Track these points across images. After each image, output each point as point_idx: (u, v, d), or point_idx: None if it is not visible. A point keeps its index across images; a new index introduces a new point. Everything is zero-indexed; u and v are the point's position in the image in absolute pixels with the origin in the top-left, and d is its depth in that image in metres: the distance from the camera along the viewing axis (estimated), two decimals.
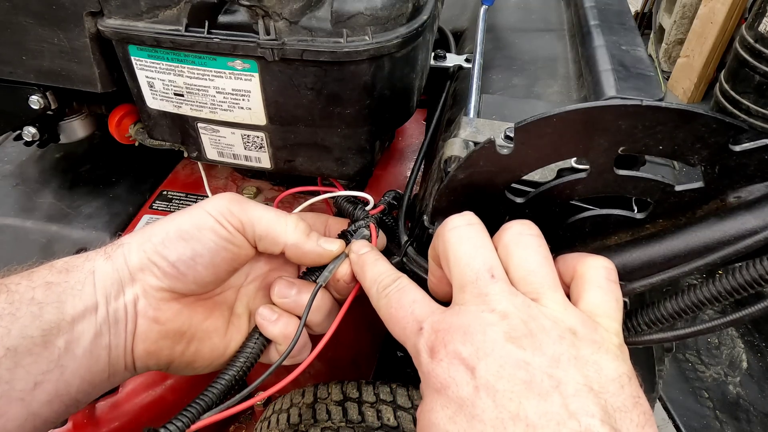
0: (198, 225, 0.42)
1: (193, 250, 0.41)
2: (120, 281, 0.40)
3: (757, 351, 0.99)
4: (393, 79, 0.51)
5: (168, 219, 0.43)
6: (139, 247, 0.41)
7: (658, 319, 0.40)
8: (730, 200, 0.38)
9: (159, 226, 0.42)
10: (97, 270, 0.40)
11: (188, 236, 0.41)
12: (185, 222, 0.42)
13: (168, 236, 0.41)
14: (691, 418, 0.89)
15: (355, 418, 0.54)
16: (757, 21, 1.21)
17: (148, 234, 0.42)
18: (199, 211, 0.43)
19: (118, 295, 0.40)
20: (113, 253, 0.41)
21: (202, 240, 0.41)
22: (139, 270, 0.41)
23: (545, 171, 0.41)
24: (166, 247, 0.41)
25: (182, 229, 0.41)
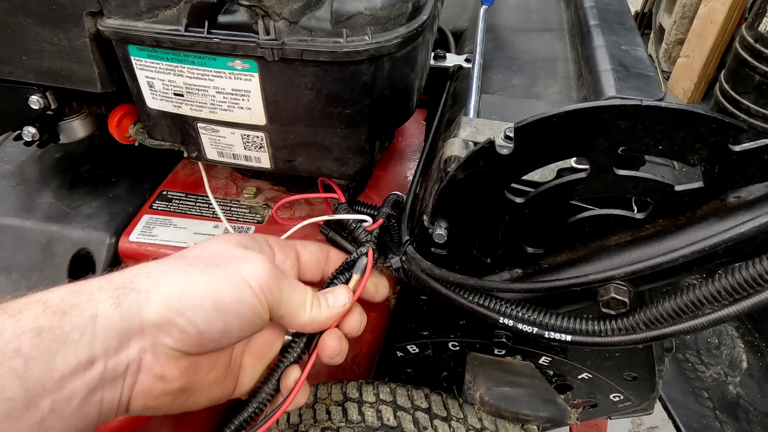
0: (238, 299, 0.39)
1: (226, 324, 0.39)
2: (126, 332, 0.36)
3: (757, 351, 0.99)
4: (393, 79, 0.51)
5: (202, 277, 0.39)
6: (163, 303, 0.37)
7: (657, 319, 0.40)
8: (730, 200, 0.38)
9: (192, 286, 0.38)
10: (100, 316, 0.35)
11: (226, 309, 0.39)
12: (225, 293, 0.39)
13: (203, 304, 0.38)
14: (691, 418, 0.89)
15: (355, 418, 0.54)
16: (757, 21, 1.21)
17: (178, 292, 0.38)
18: (240, 281, 0.40)
19: (121, 348, 0.36)
20: (125, 299, 0.36)
21: (239, 316, 0.39)
22: (155, 326, 0.37)
23: (545, 171, 0.41)
24: (197, 314, 0.37)
25: (221, 301, 0.38)
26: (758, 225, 0.35)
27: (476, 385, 0.54)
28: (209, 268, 0.40)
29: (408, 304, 0.57)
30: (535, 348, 0.58)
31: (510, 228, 0.44)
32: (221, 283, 0.39)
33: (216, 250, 0.44)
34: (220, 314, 0.38)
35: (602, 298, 0.41)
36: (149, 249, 0.64)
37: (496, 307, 0.46)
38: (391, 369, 0.65)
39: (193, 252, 0.44)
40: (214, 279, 0.39)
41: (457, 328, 0.58)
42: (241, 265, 0.41)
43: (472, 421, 0.55)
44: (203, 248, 0.45)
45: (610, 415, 0.72)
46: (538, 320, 0.44)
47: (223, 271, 0.40)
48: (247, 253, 0.43)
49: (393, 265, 0.52)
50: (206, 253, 0.43)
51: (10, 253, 0.65)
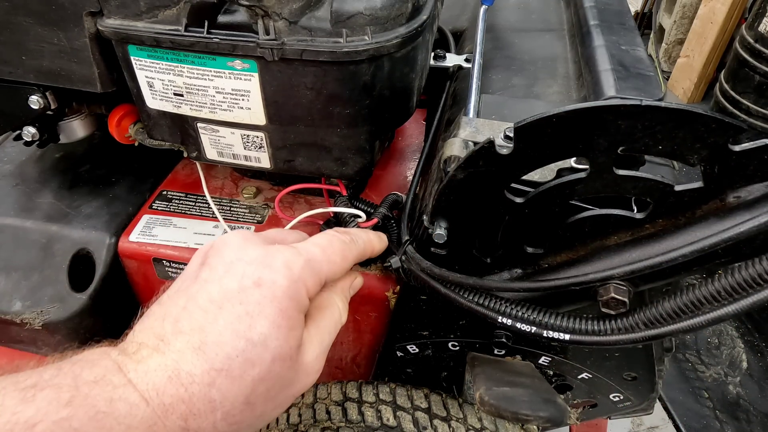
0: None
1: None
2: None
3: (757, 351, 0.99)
4: (392, 79, 0.51)
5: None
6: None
7: (656, 319, 0.40)
8: (730, 200, 0.38)
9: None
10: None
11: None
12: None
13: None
14: (691, 418, 0.89)
15: (355, 418, 0.54)
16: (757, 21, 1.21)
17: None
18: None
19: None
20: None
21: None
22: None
23: (545, 171, 0.41)
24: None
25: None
26: (758, 225, 0.35)
27: (476, 385, 0.54)
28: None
29: (408, 304, 0.57)
30: (534, 348, 0.58)
31: (510, 228, 0.44)
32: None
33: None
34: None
35: (602, 298, 0.41)
36: (149, 249, 0.64)
37: (494, 306, 0.46)
38: (391, 369, 0.65)
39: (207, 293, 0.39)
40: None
41: (457, 328, 0.58)
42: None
43: (472, 421, 0.55)
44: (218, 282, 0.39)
45: (610, 415, 0.72)
46: (536, 319, 0.44)
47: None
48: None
49: (393, 264, 0.52)
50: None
51: (10, 253, 0.65)
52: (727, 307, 0.36)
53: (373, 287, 0.60)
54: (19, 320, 0.62)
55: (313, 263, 0.42)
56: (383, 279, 0.60)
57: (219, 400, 0.35)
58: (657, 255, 0.38)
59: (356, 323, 0.65)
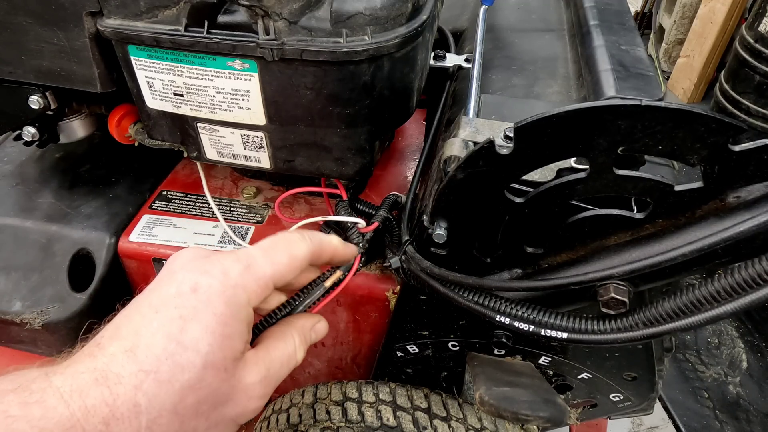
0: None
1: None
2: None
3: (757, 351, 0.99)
4: (392, 79, 0.51)
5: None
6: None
7: (656, 318, 0.40)
8: (730, 200, 0.38)
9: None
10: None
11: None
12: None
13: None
14: (691, 418, 0.89)
15: (354, 418, 0.54)
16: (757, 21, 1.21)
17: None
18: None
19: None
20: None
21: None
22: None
23: (545, 171, 0.41)
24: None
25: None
26: (757, 224, 0.35)
27: (476, 385, 0.54)
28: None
29: (408, 304, 0.57)
30: (534, 348, 0.58)
31: (510, 228, 0.44)
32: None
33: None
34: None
35: (602, 298, 0.41)
36: (149, 249, 0.64)
37: (493, 305, 0.46)
38: (391, 369, 0.65)
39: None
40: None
41: (456, 328, 0.58)
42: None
43: (472, 421, 0.55)
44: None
45: (610, 415, 0.72)
46: (534, 318, 0.44)
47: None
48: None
49: (393, 264, 0.52)
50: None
51: (10, 253, 0.65)
52: (725, 306, 0.36)
53: (373, 287, 0.60)
54: (19, 320, 0.62)
55: (254, 268, 0.41)
56: (383, 279, 0.60)
57: (144, 405, 0.34)
58: (657, 255, 0.38)
59: (356, 323, 0.65)
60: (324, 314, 0.49)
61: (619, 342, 0.42)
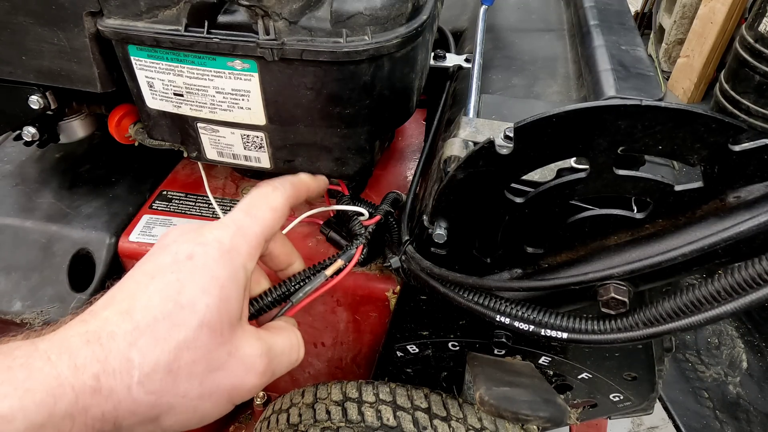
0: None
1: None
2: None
3: (757, 351, 0.99)
4: (392, 79, 0.51)
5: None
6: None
7: (656, 318, 0.40)
8: (730, 200, 0.38)
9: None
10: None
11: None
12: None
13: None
14: (691, 418, 0.89)
15: (354, 418, 0.54)
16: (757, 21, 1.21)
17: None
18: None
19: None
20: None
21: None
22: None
23: (545, 171, 0.41)
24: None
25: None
26: (757, 224, 0.35)
27: (476, 385, 0.54)
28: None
29: (408, 304, 0.57)
30: (534, 348, 0.58)
31: (510, 228, 0.44)
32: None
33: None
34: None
35: (602, 298, 0.41)
36: (149, 249, 0.64)
37: (493, 305, 0.46)
38: (391, 369, 0.65)
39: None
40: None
41: (456, 328, 0.58)
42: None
43: (472, 421, 0.55)
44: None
45: (610, 415, 0.72)
46: (534, 318, 0.44)
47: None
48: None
49: (393, 264, 0.52)
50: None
51: (10, 253, 0.65)
52: (725, 306, 0.36)
53: (373, 287, 0.60)
54: (19, 320, 0.62)
55: (243, 229, 0.41)
56: (383, 279, 0.60)
57: (138, 361, 0.34)
58: (657, 255, 0.38)
59: (356, 323, 0.65)
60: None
61: (619, 342, 0.42)
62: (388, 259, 0.53)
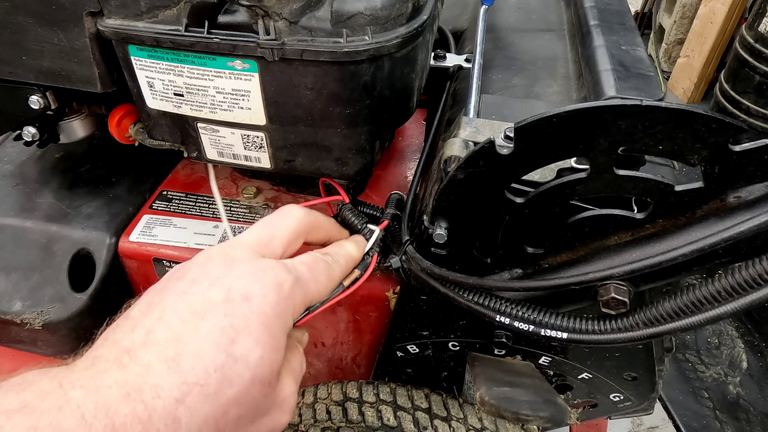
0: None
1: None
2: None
3: (757, 351, 0.99)
4: (393, 79, 0.51)
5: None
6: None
7: (657, 318, 0.40)
8: (730, 200, 0.38)
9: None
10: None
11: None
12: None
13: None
14: (691, 418, 0.89)
15: (355, 418, 0.54)
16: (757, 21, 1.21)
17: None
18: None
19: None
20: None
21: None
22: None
23: (545, 171, 0.41)
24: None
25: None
26: (758, 224, 0.35)
27: (476, 385, 0.54)
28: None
29: (408, 304, 0.57)
30: (535, 348, 0.58)
31: (510, 228, 0.44)
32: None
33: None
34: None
35: (602, 298, 0.41)
36: (149, 249, 0.64)
37: (493, 305, 0.46)
38: (391, 369, 0.65)
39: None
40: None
41: (457, 328, 0.58)
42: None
43: (472, 421, 0.55)
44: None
45: (610, 415, 0.72)
46: (535, 318, 0.44)
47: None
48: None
49: (393, 264, 0.52)
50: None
51: (10, 253, 0.65)
52: (725, 306, 0.36)
53: (373, 287, 0.60)
54: (19, 320, 0.62)
55: (302, 282, 0.40)
56: (383, 279, 0.60)
57: (185, 421, 0.30)
58: (657, 255, 0.38)
59: (356, 323, 0.65)
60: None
61: (619, 342, 0.42)
62: (389, 259, 0.53)
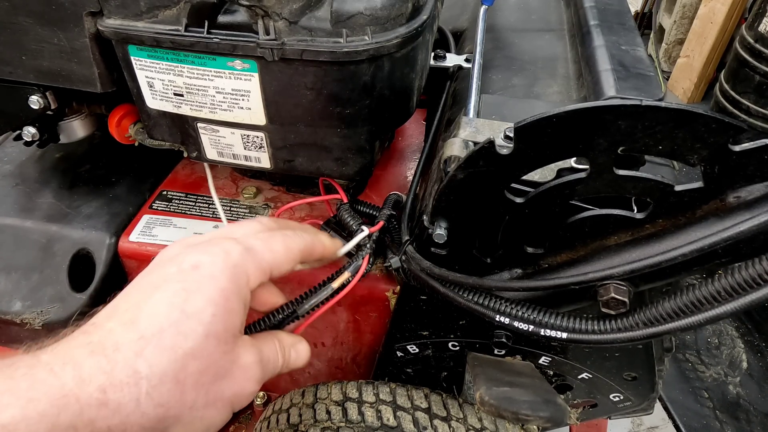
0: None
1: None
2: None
3: (757, 351, 0.99)
4: (393, 79, 0.51)
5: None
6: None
7: (656, 318, 0.40)
8: (730, 200, 0.38)
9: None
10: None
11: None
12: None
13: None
14: (691, 418, 0.89)
15: (355, 418, 0.54)
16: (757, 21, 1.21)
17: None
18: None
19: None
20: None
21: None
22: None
23: (545, 171, 0.41)
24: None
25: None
26: (758, 224, 0.35)
27: (476, 385, 0.54)
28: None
29: (408, 304, 0.57)
30: (534, 348, 0.58)
31: (510, 228, 0.44)
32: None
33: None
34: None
35: (602, 298, 0.41)
36: (149, 249, 0.64)
37: (493, 305, 0.46)
38: (391, 369, 0.65)
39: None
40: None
41: (457, 328, 0.58)
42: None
43: (472, 421, 0.55)
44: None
45: (610, 415, 0.72)
46: (534, 318, 0.44)
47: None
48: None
49: (393, 264, 0.52)
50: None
51: (10, 253, 0.65)
52: (725, 306, 0.36)
53: (373, 287, 0.60)
54: (19, 320, 0.62)
55: (254, 252, 0.41)
56: (383, 279, 0.60)
57: (145, 372, 0.33)
58: (657, 255, 0.38)
59: (356, 323, 0.65)
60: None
61: (619, 342, 0.42)
62: (389, 259, 0.53)
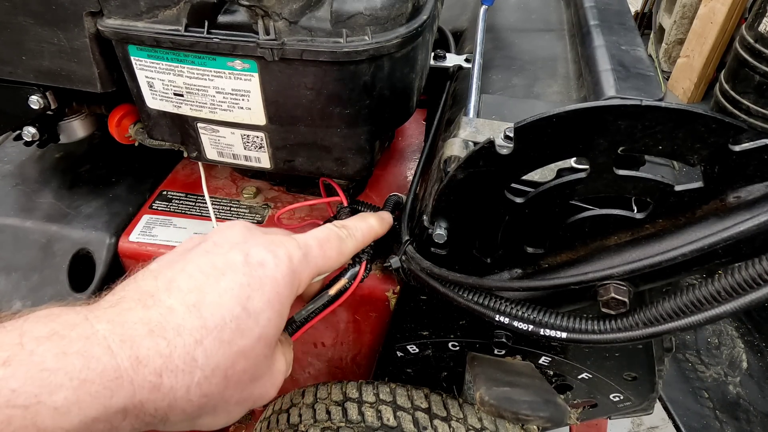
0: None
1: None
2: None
3: (757, 351, 0.99)
4: (393, 79, 0.51)
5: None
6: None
7: (656, 318, 0.40)
8: (730, 200, 0.38)
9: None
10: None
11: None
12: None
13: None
14: (691, 418, 0.89)
15: (355, 418, 0.54)
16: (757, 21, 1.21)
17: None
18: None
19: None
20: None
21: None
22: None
23: (545, 171, 0.41)
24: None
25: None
26: (758, 224, 0.35)
27: (476, 385, 0.54)
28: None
29: (408, 304, 0.57)
30: (534, 348, 0.58)
31: (510, 228, 0.44)
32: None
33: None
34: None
35: (602, 298, 0.41)
36: (149, 249, 0.64)
37: (493, 305, 0.46)
38: (391, 369, 0.65)
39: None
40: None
41: (457, 328, 0.58)
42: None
43: (472, 421, 0.55)
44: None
45: (610, 415, 0.72)
46: (534, 318, 0.44)
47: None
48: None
49: (393, 264, 0.52)
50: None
51: (10, 253, 0.65)
52: (725, 306, 0.36)
53: (373, 287, 0.60)
54: None
55: (310, 258, 0.42)
56: (383, 279, 0.60)
57: (201, 361, 0.33)
58: (657, 255, 0.38)
59: (356, 323, 0.65)
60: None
61: (619, 342, 0.42)
62: (388, 259, 0.53)
